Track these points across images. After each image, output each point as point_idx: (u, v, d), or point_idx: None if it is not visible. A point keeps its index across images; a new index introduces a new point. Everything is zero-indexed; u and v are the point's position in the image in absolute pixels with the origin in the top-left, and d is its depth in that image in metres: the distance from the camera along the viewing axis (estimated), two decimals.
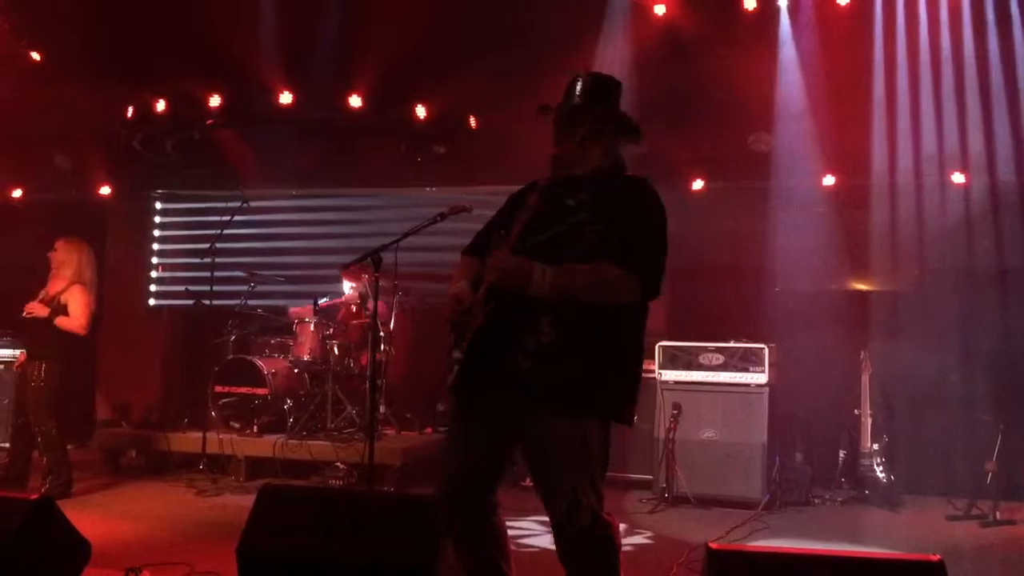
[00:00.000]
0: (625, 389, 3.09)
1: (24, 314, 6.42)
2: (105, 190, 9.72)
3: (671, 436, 6.73)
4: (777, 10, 7.61)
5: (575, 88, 3.25)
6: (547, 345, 2.94)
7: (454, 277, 3.31)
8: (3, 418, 7.98)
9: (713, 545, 3.00)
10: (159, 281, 10.05)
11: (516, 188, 3.39)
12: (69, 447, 8.59)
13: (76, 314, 6.41)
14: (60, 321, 6.38)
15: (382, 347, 7.46)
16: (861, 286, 8.01)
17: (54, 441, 6.37)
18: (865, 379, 6.85)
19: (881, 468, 6.76)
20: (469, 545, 3.13)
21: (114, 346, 9.67)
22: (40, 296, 6.50)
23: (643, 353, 3.18)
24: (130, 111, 8.84)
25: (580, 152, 3.21)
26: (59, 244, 6.63)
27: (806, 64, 7.49)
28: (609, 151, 3.26)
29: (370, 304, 7.53)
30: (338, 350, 7.70)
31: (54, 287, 6.51)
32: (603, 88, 3.28)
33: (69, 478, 6.47)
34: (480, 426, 3.09)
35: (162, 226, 10.17)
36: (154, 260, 10.09)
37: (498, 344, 2.99)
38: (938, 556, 2.84)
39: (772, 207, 7.79)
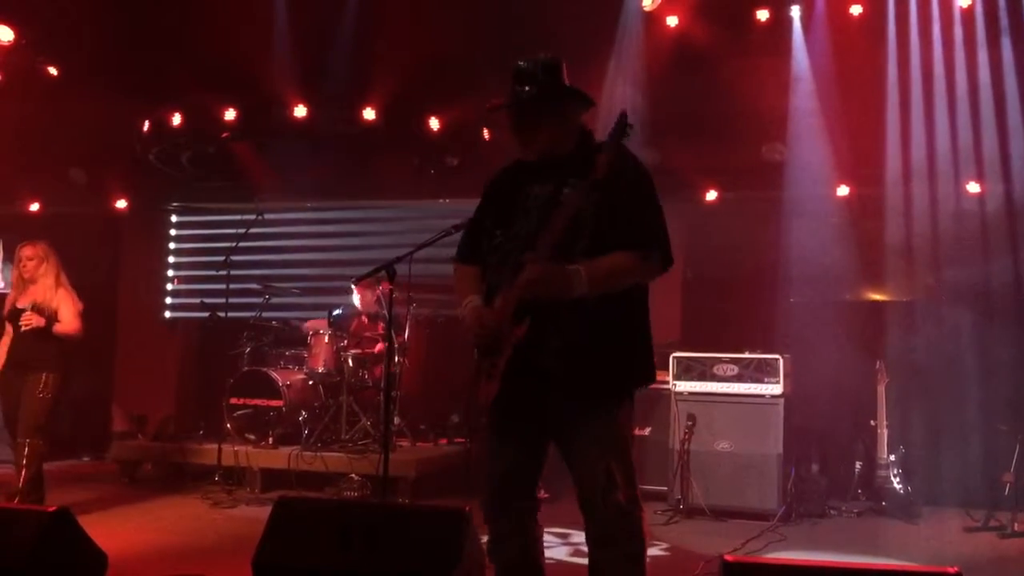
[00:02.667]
0: (646, 357, 3.21)
1: (23, 326, 6.08)
2: (121, 203, 9.79)
3: (685, 447, 6.70)
4: (790, 21, 7.62)
5: (527, 76, 3.19)
6: (573, 342, 3.03)
7: (459, 291, 3.34)
8: None
9: (728, 557, 2.98)
10: (175, 294, 10.11)
11: None
12: (85, 459, 8.71)
13: (69, 317, 6.18)
14: (57, 328, 6.13)
15: (396, 359, 7.48)
16: (876, 296, 7.98)
17: (39, 456, 6.08)
18: (881, 390, 6.82)
19: (898, 479, 6.72)
20: (515, 547, 3.25)
21: (130, 358, 9.74)
22: (25, 306, 6.14)
23: (648, 334, 3.24)
24: (146, 125, 8.91)
25: (558, 136, 3.20)
26: (30, 252, 6.27)
27: (819, 74, 7.49)
28: (576, 125, 3.26)
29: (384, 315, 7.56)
30: (352, 362, 7.72)
31: (38, 295, 6.18)
32: (551, 68, 3.23)
33: (42, 496, 6.08)
34: (519, 430, 3.20)
35: (178, 239, 10.23)
36: (170, 273, 10.15)
37: (527, 350, 3.05)
38: (956, 568, 2.82)
39: (786, 217, 7.78)
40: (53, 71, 8.41)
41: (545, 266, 2.95)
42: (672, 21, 7.52)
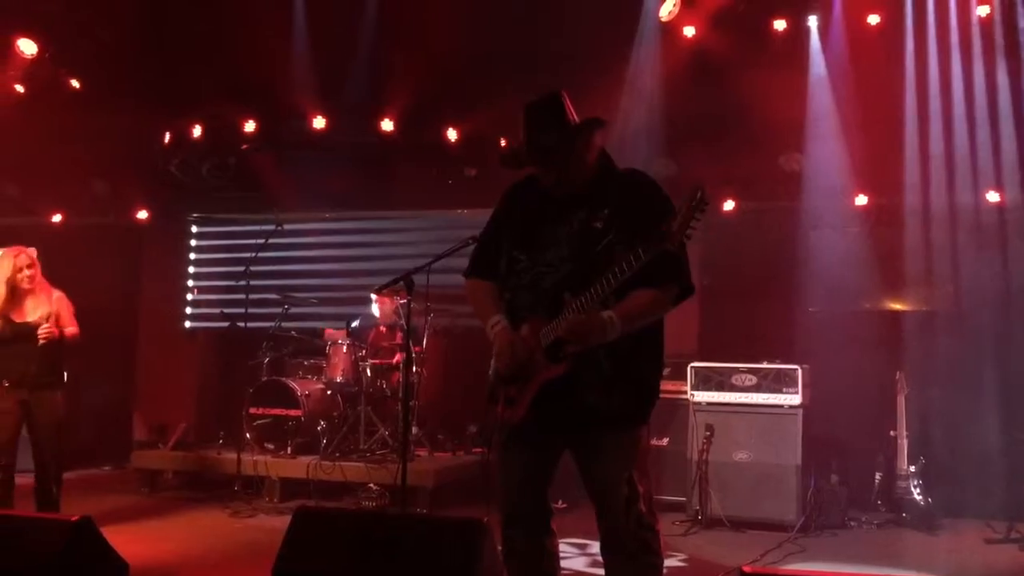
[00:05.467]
0: (656, 387, 3.34)
1: (41, 340, 5.64)
2: (142, 214, 9.87)
3: (704, 458, 6.69)
4: (807, 31, 7.61)
5: (542, 121, 3.24)
6: (607, 375, 3.15)
7: (480, 308, 3.40)
8: None
9: (747, 568, 2.98)
10: (195, 304, 10.17)
11: None
12: (106, 468, 8.77)
13: (71, 320, 5.86)
14: (68, 333, 5.81)
15: (414, 369, 7.50)
16: (896, 306, 7.93)
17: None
18: (901, 400, 6.78)
19: (918, 490, 6.67)
20: (532, 562, 3.31)
21: (151, 368, 9.81)
22: (35, 320, 5.72)
23: (662, 353, 3.37)
24: (167, 137, 9.00)
25: (584, 168, 3.27)
26: (29, 260, 5.79)
27: (836, 84, 7.47)
28: (596, 150, 3.31)
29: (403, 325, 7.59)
30: (371, 372, 7.75)
31: (44, 305, 5.79)
32: (561, 104, 3.28)
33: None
34: (535, 443, 3.28)
35: (198, 249, 10.29)
36: (190, 283, 10.22)
37: (561, 385, 3.16)
38: None
39: (804, 227, 7.76)
40: (75, 84, 8.51)
41: (587, 317, 3.06)
42: (689, 31, 7.52)
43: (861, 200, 7.83)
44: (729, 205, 8.16)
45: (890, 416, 6.84)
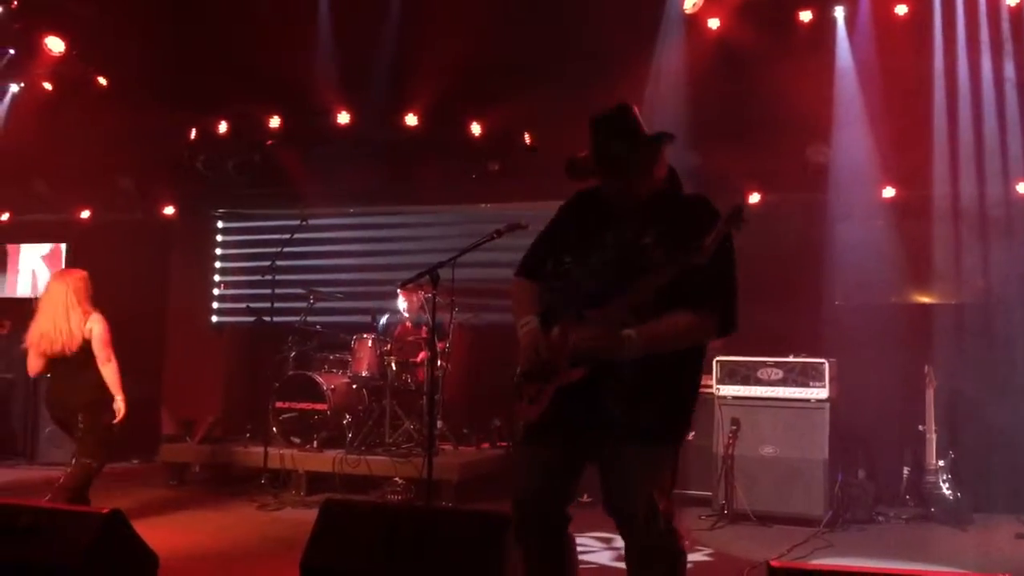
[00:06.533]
0: (689, 410, 3.26)
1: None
2: (169, 210, 9.95)
3: (730, 452, 6.66)
4: (833, 21, 7.53)
5: (612, 127, 3.21)
6: (631, 388, 3.09)
7: (518, 306, 3.36)
8: None
9: (774, 563, 2.97)
10: (221, 299, 10.25)
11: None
12: (135, 461, 8.85)
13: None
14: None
15: (439, 363, 7.52)
16: (924, 299, 7.85)
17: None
18: (929, 394, 6.71)
19: (947, 485, 6.61)
20: (544, 560, 3.25)
21: (178, 362, 9.90)
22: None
23: (700, 371, 3.32)
24: (193, 133, 9.07)
25: (651, 182, 3.22)
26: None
27: (864, 75, 7.39)
28: (663, 165, 3.26)
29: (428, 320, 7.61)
30: (396, 366, 7.78)
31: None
32: (631, 114, 3.25)
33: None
34: (557, 448, 3.21)
35: (224, 245, 10.37)
36: (216, 278, 10.29)
37: (584, 388, 3.11)
38: (1008, 575, 2.78)
39: (830, 220, 7.69)
40: (103, 81, 8.58)
41: (603, 332, 3.02)
42: (714, 23, 7.47)
43: (888, 192, 7.75)
44: (755, 198, 8.10)
45: (918, 410, 6.78)
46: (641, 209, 3.19)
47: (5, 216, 10.22)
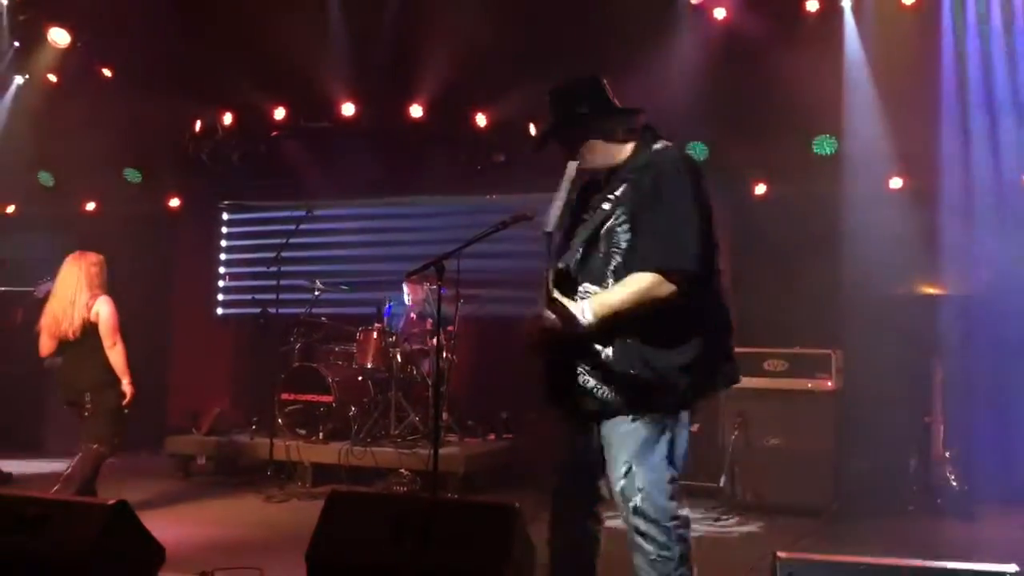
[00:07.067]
0: (668, 386, 3.13)
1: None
2: (175, 202, 9.95)
3: (736, 443, 6.65)
4: (840, 11, 7.49)
5: (551, 104, 3.35)
6: (602, 361, 3.10)
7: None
8: None
9: (781, 554, 2.95)
10: (226, 291, 10.25)
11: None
12: (141, 453, 8.87)
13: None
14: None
15: (444, 354, 7.51)
16: (931, 290, 7.82)
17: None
18: (936, 385, 6.69)
19: (954, 476, 6.59)
20: (572, 540, 3.31)
21: (184, 354, 9.92)
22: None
23: (704, 331, 3.16)
24: (198, 125, 9.06)
25: (598, 153, 3.30)
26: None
27: (871, 64, 7.35)
28: (621, 138, 3.30)
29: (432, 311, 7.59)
30: (401, 358, 7.77)
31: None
32: (565, 95, 3.34)
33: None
34: (574, 426, 3.30)
35: (229, 236, 10.37)
36: (221, 270, 10.30)
37: (564, 366, 3.19)
38: (1015, 567, 2.76)
39: (837, 211, 7.65)
40: (107, 72, 8.57)
41: (558, 308, 3.06)
42: (719, 13, 7.44)
43: (896, 183, 7.72)
44: (761, 189, 8.08)
45: (925, 401, 6.76)
46: (610, 179, 3.27)
47: (11, 208, 10.22)
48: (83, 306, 5.96)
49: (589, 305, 3.06)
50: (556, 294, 3.09)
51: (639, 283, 3.04)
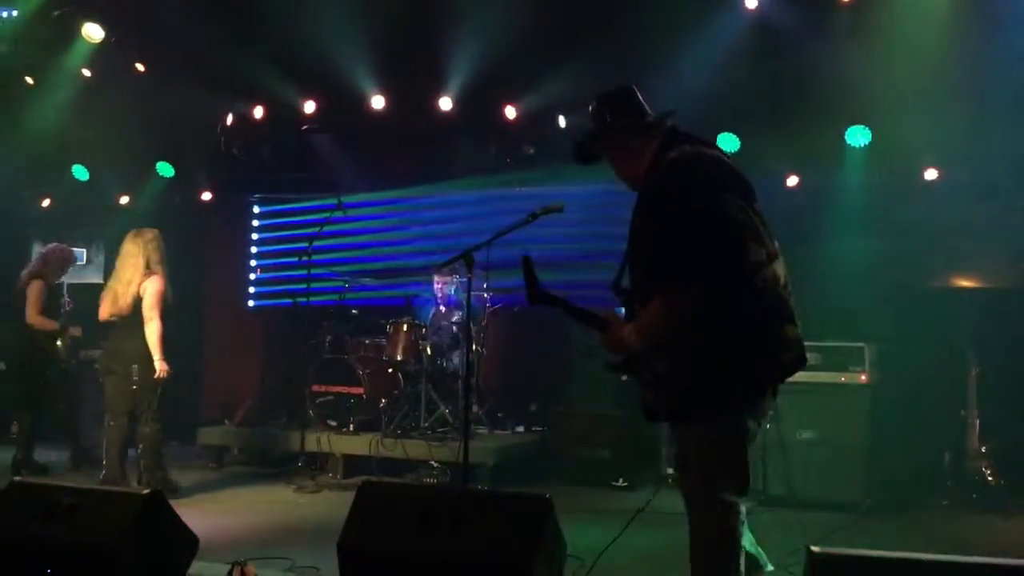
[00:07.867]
0: (720, 392, 3.12)
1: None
2: (206, 195, 10.03)
3: (768, 437, 6.60)
4: None
5: (591, 114, 3.39)
6: (661, 374, 3.17)
7: None
8: None
9: (814, 548, 2.93)
10: (258, 283, 10.33)
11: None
12: (174, 444, 8.96)
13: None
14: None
15: (474, 347, 7.52)
16: (966, 282, 7.71)
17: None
18: (972, 378, 6.60)
19: (989, 471, 6.50)
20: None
21: (216, 347, 10.00)
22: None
23: (754, 337, 3.10)
24: (229, 119, 9.12)
25: (622, 166, 3.34)
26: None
27: (905, 54, 7.23)
28: (641, 147, 3.28)
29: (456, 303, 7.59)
30: (431, 350, 7.79)
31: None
32: (601, 103, 3.36)
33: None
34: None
35: (260, 229, 10.44)
36: (253, 263, 10.37)
37: (641, 381, 3.32)
38: None
39: (870, 202, 7.56)
40: (140, 68, 8.64)
41: (614, 331, 3.21)
42: (751, 3, 7.35)
43: (931, 174, 7.61)
44: (793, 180, 8.00)
45: (960, 395, 6.67)
46: (640, 193, 3.28)
47: (46, 202, 10.34)
48: (136, 284, 6.36)
49: (630, 330, 3.16)
50: (611, 317, 3.25)
51: (657, 307, 3.09)
